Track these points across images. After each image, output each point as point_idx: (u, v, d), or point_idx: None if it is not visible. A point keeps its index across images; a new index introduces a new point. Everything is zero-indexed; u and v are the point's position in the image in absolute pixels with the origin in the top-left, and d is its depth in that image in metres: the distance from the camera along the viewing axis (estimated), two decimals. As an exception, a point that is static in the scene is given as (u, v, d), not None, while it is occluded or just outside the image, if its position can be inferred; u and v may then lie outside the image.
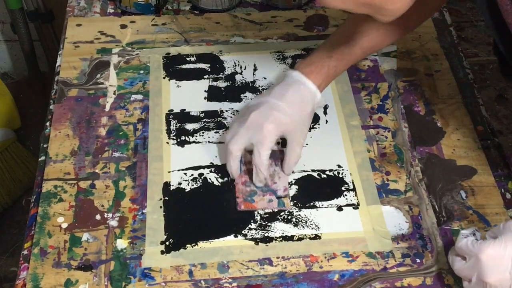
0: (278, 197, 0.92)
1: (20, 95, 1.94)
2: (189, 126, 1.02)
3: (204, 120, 1.03)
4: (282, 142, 0.95)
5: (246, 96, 1.07)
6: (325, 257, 0.87)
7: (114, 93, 1.07)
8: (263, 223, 0.90)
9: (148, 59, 1.12)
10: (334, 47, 0.94)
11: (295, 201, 0.93)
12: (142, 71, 1.10)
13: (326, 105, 1.05)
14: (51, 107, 1.05)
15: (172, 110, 1.04)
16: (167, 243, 0.87)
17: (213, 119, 1.03)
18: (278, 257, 0.87)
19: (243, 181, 0.94)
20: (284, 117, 0.90)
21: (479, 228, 0.90)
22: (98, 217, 0.90)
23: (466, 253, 0.76)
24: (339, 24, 1.19)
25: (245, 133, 0.90)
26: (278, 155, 0.96)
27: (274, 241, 0.88)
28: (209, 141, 1.00)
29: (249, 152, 0.93)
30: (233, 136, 0.91)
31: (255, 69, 1.11)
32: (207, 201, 0.93)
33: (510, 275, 0.72)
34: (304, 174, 0.96)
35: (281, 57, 1.13)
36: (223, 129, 1.01)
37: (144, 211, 0.91)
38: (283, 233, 0.89)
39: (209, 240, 0.88)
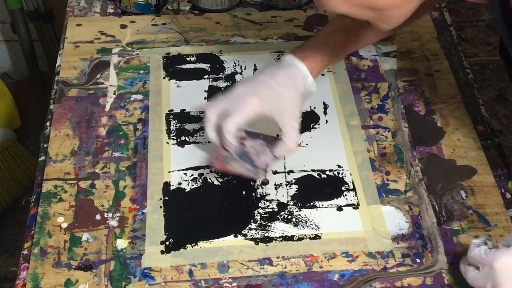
0: (254, 166, 0.90)
1: (20, 95, 1.94)
2: (189, 126, 1.02)
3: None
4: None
5: (246, 96, 1.07)
6: (325, 257, 0.87)
7: (114, 93, 1.07)
8: (263, 223, 0.90)
9: (148, 59, 1.12)
10: (330, 36, 0.93)
11: (295, 201, 0.93)
12: (142, 71, 1.10)
13: (327, 105, 1.05)
14: (51, 107, 1.05)
15: (172, 110, 1.04)
16: (167, 243, 0.87)
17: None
18: (278, 257, 0.87)
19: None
20: (272, 94, 0.87)
21: (479, 228, 0.90)
22: (98, 217, 0.90)
23: (479, 262, 0.76)
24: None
25: (226, 101, 0.87)
26: (273, 140, 0.92)
27: (274, 241, 0.88)
28: (209, 141, 1.00)
29: (246, 132, 0.91)
30: (213, 102, 0.89)
31: (255, 69, 1.11)
32: (207, 201, 0.93)
33: None
34: (304, 174, 0.96)
35: (281, 57, 1.13)
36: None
37: (144, 211, 0.91)
38: (283, 233, 0.89)
39: (209, 240, 0.88)
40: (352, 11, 0.72)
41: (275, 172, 0.96)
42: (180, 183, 0.94)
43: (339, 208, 0.92)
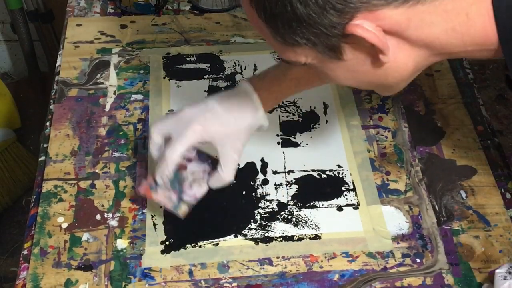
0: (179, 200, 0.85)
1: (20, 95, 1.94)
2: (189, 126, 1.02)
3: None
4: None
5: (246, 96, 1.07)
6: (325, 257, 0.87)
7: (114, 93, 1.07)
8: (263, 223, 0.90)
9: (148, 59, 1.12)
10: (289, 69, 0.88)
11: (295, 201, 0.93)
12: (142, 71, 1.10)
13: (327, 105, 1.05)
14: (51, 107, 1.05)
15: (172, 110, 1.04)
16: (167, 243, 0.87)
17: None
18: (278, 257, 0.87)
19: None
20: (215, 122, 0.84)
21: (479, 228, 0.90)
22: (98, 217, 0.90)
23: None
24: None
25: (171, 123, 0.85)
26: (210, 165, 0.88)
27: (274, 241, 0.88)
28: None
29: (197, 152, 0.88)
30: (159, 120, 0.86)
31: (255, 69, 1.11)
32: (207, 201, 0.92)
33: None
34: (304, 174, 0.96)
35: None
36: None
37: (144, 211, 0.91)
38: (283, 233, 0.89)
39: (209, 240, 0.88)
40: (358, 85, 0.72)
41: (275, 172, 0.96)
42: (180, 183, 0.94)
43: (339, 208, 0.92)
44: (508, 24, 0.60)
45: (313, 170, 0.97)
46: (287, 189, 0.94)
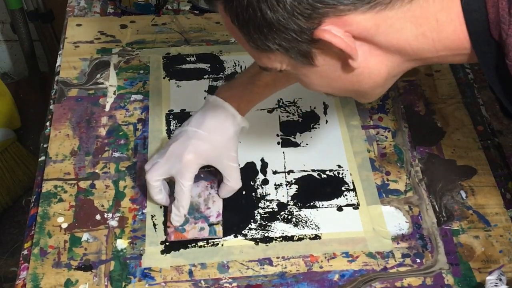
0: (210, 224, 0.88)
1: (20, 95, 1.94)
2: (189, 126, 1.02)
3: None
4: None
5: (246, 96, 1.07)
6: (325, 257, 0.87)
7: (114, 93, 1.07)
8: (263, 223, 0.90)
9: (148, 59, 1.12)
10: (257, 75, 0.90)
11: (295, 201, 0.93)
12: (142, 71, 1.10)
13: (327, 105, 1.05)
14: (51, 107, 1.05)
15: (172, 110, 1.04)
16: (167, 243, 0.87)
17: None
18: (278, 257, 0.87)
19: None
20: (203, 144, 0.86)
21: (479, 228, 0.90)
22: (98, 217, 0.90)
23: None
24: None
25: (164, 163, 0.86)
26: (214, 176, 0.92)
27: (274, 241, 0.88)
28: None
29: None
30: (152, 166, 0.87)
31: (255, 69, 1.11)
32: (207, 201, 0.93)
33: None
34: (304, 174, 0.96)
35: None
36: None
37: (144, 211, 0.91)
38: (283, 233, 0.89)
39: (209, 240, 0.88)
40: (334, 92, 0.72)
41: (275, 172, 0.96)
42: (180, 183, 0.94)
43: (339, 208, 0.92)
44: (479, 27, 0.60)
45: (313, 170, 0.97)
46: (287, 189, 0.94)
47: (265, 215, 0.91)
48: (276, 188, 0.94)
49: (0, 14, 1.90)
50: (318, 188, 0.95)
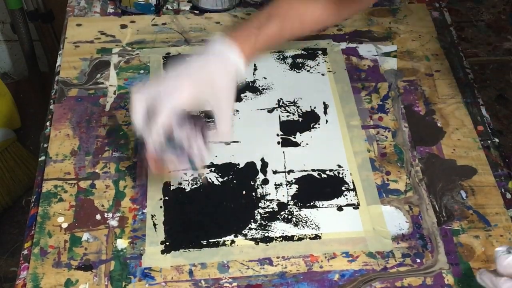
0: (191, 161, 0.84)
1: (20, 95, 1.94)
2: (189, 126, 1.02)
3: (204, 120, 1.03)
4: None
5: (246, 96, 1.07)
6: (325, 257, 0.87)
7: (114, 93, 1.07)
8: (263, 223, 0.90)
9: (148, 59, 1.12)
10: (264, 22, 0.88)
11: (295, 201, 0.93)
12: (142, 71, 1.10)
13: (327, 105, 1.05)
14: (51, 107, 1.05)
15: (172, 110, 1.04)
16: (167, 243, 0.87)
17: (213, 119, 1.03)
18: (278, 257, 0.87)
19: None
20: (204, 77, 0.82)
21: (479, 228, 0.90)
22: (98, 217, 0.90)
23: None
24: (338, 24, 1.19)
25: (156, 85, 0.82)
26: (203, 121, 0.88)
27: (274, 241, 0.88)
28: (209, 141, 1.00)
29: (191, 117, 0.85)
30: (141, 87, 0.82)
31: (255, 69, 1.11)
32: (207, 201, 0.93)
33: None
34: (304, 174, 0.96)
35: (281, 57, 1.13)
36: (223, 129, 1.01)
37: (144, 211, 0.91)
38: (283, 233, 0.89)
39: (209, 240, 0.88)
40: None
41: (275, 172, 0.96)
42: (180, 183, 0.94)
43: (339, 208, 0.92)
44: None
45: (313, 170, 0.97)
46: (287, 189, 0.94)
47: (265, 215, 0.91)
48: (276, 188, 0.94)
49: (0, 14, 1.89)
50: (318, 188, 0.95)
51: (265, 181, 0.95)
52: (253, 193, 0.93)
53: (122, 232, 0.88)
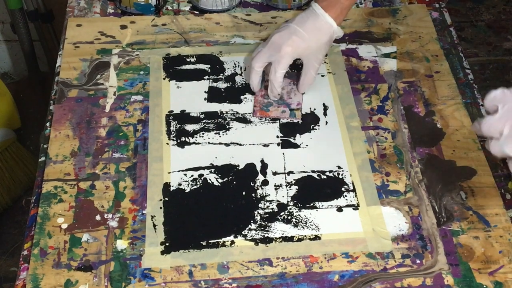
0: (291, 109, 1.03)
1: (20, 95, 1.94)
2: (189, 127, 1.02)
3: (204, 121, 1.03)
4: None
5: (246, 97, 1.07)
6: (325, 258, 0.87)
7: (114, 94, 1.07)
8: (263, 224, 0.90)
9: (148, 59, 1.12)
10: None
11: (295, 202, 0.93)
12: (142, 72, 1.11)
13: (326, 106, 1.06)
14: (51, 107, 1.05)
15: (172, 111, 1.04)
16: (167, 243, 0.88)
17: (213, 120, 1.03)
18: (278, 258, 0.87)
19: (262, 94, 1.06)
20: (301, 42, 1.00)
21: (479, 229, 0.90)
22: (98, 217, 0.90)
23: (501, 101, 0.74)
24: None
25: (266, 51, 1.02)
26: (296, 76, 1.08)
27: (274, 241, 0.88)
28: (209, 142, 1.00)
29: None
30: (256, 54, 1.03)
31: (255, 70, 1.11)
32: (207, 201, 0.93)
33: None
34: (304, 175, 0.96)
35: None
36: (223, 130, 1.02)
37: (144, 211, 0.91)
38: (283, 234, 0.89)
39: (209, 241, 0.88)
40: None
41: (275, 173, 0.96)
42: (180, 184, 0.94)
43: (339, 209, 0.92)
44: None
45: (313, 171, 0.97)
46: (287, 190, 0.94)
47: (265, 216, 0.91)
48: (276, 189, 0.94)
49: (0, 14, 1.90)
50: (318, 189, 0.95)
51: (265, 182, 0.95)
52: (253, 194, 0.94)
53: (122, 233, 0.89)
